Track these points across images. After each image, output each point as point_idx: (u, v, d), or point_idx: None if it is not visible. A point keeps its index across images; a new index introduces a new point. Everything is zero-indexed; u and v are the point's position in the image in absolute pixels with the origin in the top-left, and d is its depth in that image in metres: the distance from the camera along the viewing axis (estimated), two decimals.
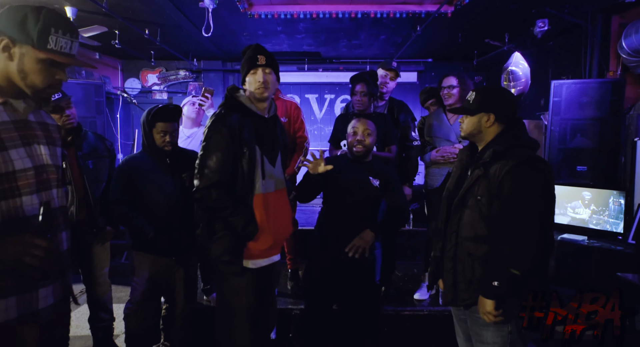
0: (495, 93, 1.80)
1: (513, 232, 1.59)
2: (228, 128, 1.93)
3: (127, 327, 2.46)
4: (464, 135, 1.85)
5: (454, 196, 1.82)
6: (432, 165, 3.06)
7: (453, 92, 2.94)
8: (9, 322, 1.20)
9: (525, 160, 1.62)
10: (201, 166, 1.95)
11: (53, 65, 1.24)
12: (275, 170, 2.09)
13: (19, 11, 1.20)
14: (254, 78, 2.02)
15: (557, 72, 5.05)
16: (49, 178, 1.31)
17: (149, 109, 2.39)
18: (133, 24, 4.77)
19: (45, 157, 1.31)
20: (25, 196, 1.23)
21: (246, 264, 2.02)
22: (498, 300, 1.60)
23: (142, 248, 2.41)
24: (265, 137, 2.05)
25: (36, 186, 1.26)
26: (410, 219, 4.31)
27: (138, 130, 7.29)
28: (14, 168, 1.20)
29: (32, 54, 1.21)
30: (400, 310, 2.98)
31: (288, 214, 2.21)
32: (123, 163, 2.42)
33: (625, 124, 4.00)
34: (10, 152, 1.20)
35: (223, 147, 1.93)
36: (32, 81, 1.23)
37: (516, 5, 4.20)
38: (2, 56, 1.21)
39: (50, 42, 1.21)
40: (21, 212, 1.22)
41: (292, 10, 4.60)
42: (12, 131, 1.23)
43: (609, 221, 3.30)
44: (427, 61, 7.30)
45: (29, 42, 1.19)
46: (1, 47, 1.20)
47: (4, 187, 1.19)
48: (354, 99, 2.94)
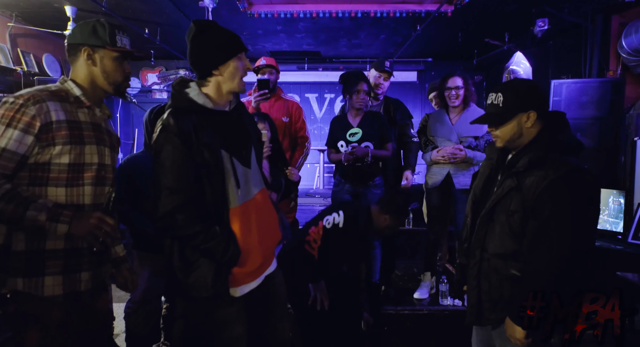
0: (526, 86, 1.53)
1: (550, 258, 1.42)
2: (180, 135, 1.51)
3: (128, 327, 2.46)
4: (501, 145, 1.56)
5: (480, 201, 1.66)
6: (432, 165, 3.06)
7: (460, 93, 2.94)
8: (56, 298, 1.41)
9: (567, 173, 1.40)
10: (157, 188, 1.52)
11: (123, 61, 1.54)
12: (252, 171, 1.70)
13: (88, 24, 1.49)
14: (243, 65, 1.62)
15: (557, 71, 5.05)
16: (106, 176, 1.55)
17: (152, 108, 2.40)
18: (133, 23, 4.77)
19: (107, 157, 1.56)
20: (87, 186, 1.48)
21: (234, 293, 1.63)
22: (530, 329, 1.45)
23: (142, 247, 2.41)
24: (232, 135, 1.65)
25: (95, 180, 1.50)
26: (410, 218, 4.31)
27: (138, 130, 7.30)
28: (84, 161, 1.46)
29: (108, 54, 1.50)
30: (400, 309, 2.98)
31: (274, 218, 1.83)
32: (125, 162, 2.43)
33: (625, 123, 4.00)
34: (85, 147, 1.46)
35: (178, 160, 1.51)
36: (114, 77, 1.53)
37: (516, 4, 4.21)
38: (86, 64, 1.50)
39: (118, 41, 1.51)
40: (81, 200, 1.46)
41: (292, 10, 4.60)
42: (90, 130, 1.50)
43: (609, 221, 3.30)
44: (427, 60, 7.31)
45: (105, 45, 1.49)
46: (85, 55, 1.49)
47: (73, 175, 1.43)
48: (356, 98, 2.92)
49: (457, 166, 2.94)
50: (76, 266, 1.47)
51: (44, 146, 1.37)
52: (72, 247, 1.45)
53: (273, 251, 1.84)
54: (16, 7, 4.41)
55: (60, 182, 1.41)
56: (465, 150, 2.89)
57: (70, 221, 1.35)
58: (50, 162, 1.39)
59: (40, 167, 1.38)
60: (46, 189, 1.40)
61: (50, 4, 4.19)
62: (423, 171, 3.25)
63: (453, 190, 2.96)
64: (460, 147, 2.91)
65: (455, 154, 2.90)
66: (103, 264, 1.58)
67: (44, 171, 1.39)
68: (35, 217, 1.30)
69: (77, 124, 1.46)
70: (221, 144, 1.59)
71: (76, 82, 1.51)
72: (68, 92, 1.48)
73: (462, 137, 2.96)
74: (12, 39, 4.64)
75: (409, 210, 4.30)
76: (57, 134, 1.38)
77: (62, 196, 1.42)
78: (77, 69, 1.52)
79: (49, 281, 1.41)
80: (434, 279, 3.24)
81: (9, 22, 4.60)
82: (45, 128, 1.36)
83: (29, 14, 4.61)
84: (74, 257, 1.46)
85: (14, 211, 1.29)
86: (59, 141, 1.38)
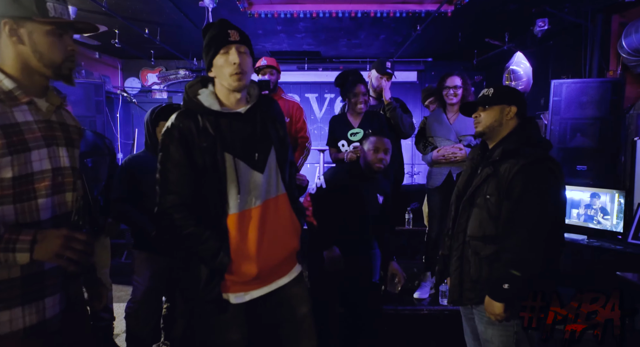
0: (513, 89, 1.84)
1: (523, 233, 1.57)
2: (179, 138, 1.54)
3: (128, 327, 2.46)
4: (482, 130, 1.78)
5: (463, 195, 1.80)
6: (433, 165, 3.07)
7: (458, 92, 2.94)
8: (15, 334, 1.16)
9: (536, 160, 1.61)
10: (159, 187, 1.59)
11: (61, 36, 1.21)
12: (265, 175, 1.62)
13: None
14: (226, 59, 1.55)
15: (557, 71, 5.05)
16: (64, 181, 1.28)
17: (153, 108, 2.40)
18: (133, 23, 4.77)
19: (63, 159, 1.28)
20: (41, 198, 1.20)
21: (226, 297, 1.61)
22: (508, 303, 1.60)
23: (143, 247, 2.41)
24: (240, 137, 1.60)
25: (52, 189, 1.23)
26: (410, 218, 4.31)
27: (138, 130, 7.30)
28: (32, 170, 1.18)
29: (39, 28, 1.17)
30: (400, 309, 2.98)
31: (289, 226, 1.72)
32: (126, 162, 2.43)
33: (625, 123, 4.00)
34: (31, 154, 1.18)
35: (177, 162, 1.55)
36: (50, 58, 1.20)
37: (516, 4, 4.20)
38: (12, 42, 1.17)
39: (49, 9, 1.17)
40: (36, 216, 1.19)
41: (292, 10, 4.59)
42: (35, 131, 1.20)
43: (609, 220, 3.30)
44: (427, 60, 7.30)
45: (32, 16, 1.15)
46: (7, 31, 1.16)
47: (21, 189, 1.16)
48: (356, 100, 2.94)
49: (458, 166, 2.94)
50: (38, 292, 1.21)
51: None
52: (32, 272, 1.19)
53: (286, 261, 1.73)
54: None
55: (6, 200, 1.14)
56: (465, 150, 2.90)
57: (30, 247, 1.10)
58: None
59: None
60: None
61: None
62: (423, 171, 3.25)
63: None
64: (460, 146, 2.92)
65: (456, 153, 2.91)
66: (72, 281, 1.34)
67: None
68: None
69: (15, 127, 1.15)
70: (225, 147, 1.56)
71: (4, 71, 1.18)
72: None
73: (461, 135, 2.96)
74: None
75: (409, 210, 4.30)
76: None
77: (11, 215, 1.15)
78: (2, 52, 1.18)
79: (5, 316, 1.15)
80: (434, 279, 3.24)
81: None
82: None
83: None
84: (34, 283, 1.19)
85: None
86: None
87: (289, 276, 1.74)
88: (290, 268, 1.76)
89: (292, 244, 1.73)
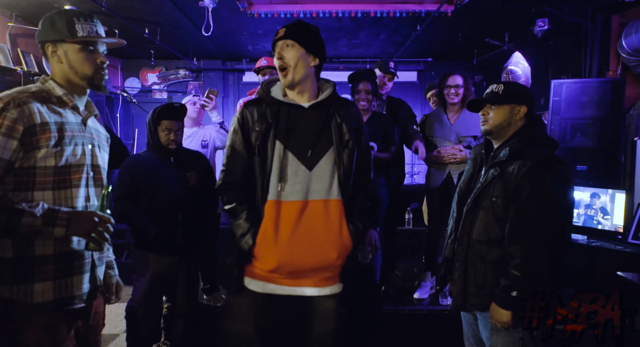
0: (524, 87, 1.77)
1: (531, 238, 1.52)
2: (241, 122, 1.70)
3: (128, 327, 2.46)
4: (489, 128, 1.69)
5: (465, 195, 1.76)
6: (433, 166, 3.06)
7: (460, 91, 2.94)
8: (46, 305, 1.35)
9: (543, 161, 1.56)
10: (223, 164, 1.76)
11: (91, 51, 1.43)
12: (314, 174, 1.63)
13: (47, 19, 1.42)
14: (275, 58, 1.69)
15: (557, 71, 5.05)
16: (96, 177, 1.51)
17: (155, 107, 2.42)
18: (133, 23, 4.77)
19: (95, 158, 1.51)
20: (75, 188, 1.42)
21: (246, 283, 1.68)
22: (515, 310, 1.54)
23: (144, 247, 2.41)
24: (297, 129, 1.65)
25: (85, 181, 1.46)
26: (410, 218, 4.31)
27: (138, 130, 7.30)
28: (70, 162, 1.40)
29: (71, 47, 1.41)
30: (400, 309, 2.99)
31: (328, 238, 1.65)
32: (127, 161, 2.44)
33: (625, 123, 4.00)
34: (73, 149, 1.41)
35: (234, 143, 1.71)
36: (83, 72, 1.43)
37: (516, 4, 4.20)
38: (55, 62, 1.43)
39: (78, 30, 1.40)
40: (69, 202, 1.40)
41: (292, 10, 4.59)
42: (76, 131, 1.44)
43: (609, 220, 3.30)
44: (427, 60, 7.29)
45: (64, 38, 1.39)
46: (49, 53, 1.42)
47: (60, 178, 1.38)
48: (358, 97, 2.91)
49: (457, 167, 2.94)
50: (67, 270, 1.41)
51: (28, 150, 1.31)
52: (63, 252, 1.39)
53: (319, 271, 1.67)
54: (16, 7, 4.40)
55: (47, 186, 1.36)
56: (465, 151, 2.89)
57: (67, 224, 1.31)
58: (35, 166, 1.33)
59: (25, 171, 1.32)
60: (32, 194, 1.34)
61: (50, 4, 4.18)
62: (423, 171, 3.25)
63: (453, 190, 2.96)
64: (460, 148, 2.91)
65: (455, 154, 2.90)
66: (97, 266, 1.53)
67: (29, 176, 1.33)
68: (31, 223, 1.26)
69: (62, 125, 1.39)
70: (277, 135, 1.65)
71: (56, 82, 1.45)
72: (50, 93, 1.42)
73: (461, 136, 2.96)
74: (12, 39, 4.63)
75: (409, 210, 4.30)
76: (41, 136, 1.32)
77: (50, 199, 1.36)
78: (53, 68, 1.46)
79: (39, 287, 1.35)
80: (434, 279, 3.24)
81: (9, 22, 4.59)
82: (28, 131, 1.30)
83: (29, 14, 4.60)
84: (64, 261, 1.40)
85: (8, 219, 1.25)
86: (44, 144, 1.33)
87: (320, 289, 1.69)
88: (324, 282, 1.69)
89: (328, 255, 1.66)
